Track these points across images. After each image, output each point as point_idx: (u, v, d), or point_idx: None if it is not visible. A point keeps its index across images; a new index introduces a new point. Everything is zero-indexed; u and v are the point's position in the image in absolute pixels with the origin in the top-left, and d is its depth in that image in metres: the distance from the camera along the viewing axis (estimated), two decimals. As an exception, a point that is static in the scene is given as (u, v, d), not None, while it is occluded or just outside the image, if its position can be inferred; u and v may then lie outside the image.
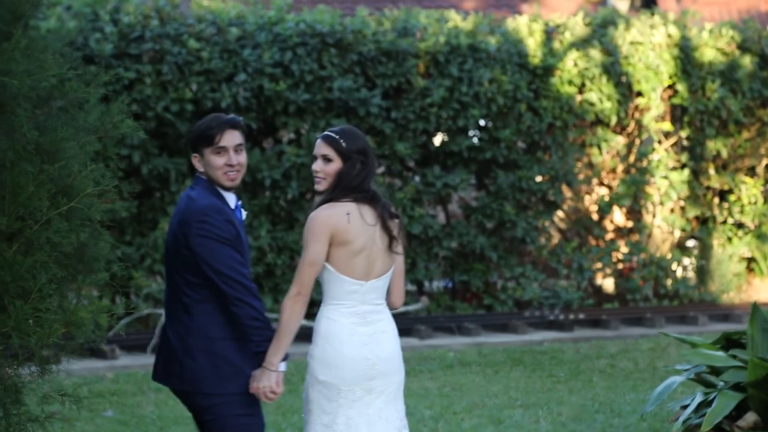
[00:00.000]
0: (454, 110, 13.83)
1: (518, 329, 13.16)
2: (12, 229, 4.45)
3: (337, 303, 4.88)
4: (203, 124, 5.11)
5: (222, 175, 5.03)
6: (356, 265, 4.85)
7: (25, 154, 4.58)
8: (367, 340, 4.89)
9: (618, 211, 15.29)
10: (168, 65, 12.50)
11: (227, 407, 4.93)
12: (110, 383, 9.99)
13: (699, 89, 15.35)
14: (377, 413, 4.91)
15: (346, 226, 4.83)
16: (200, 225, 4.91)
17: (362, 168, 4.91)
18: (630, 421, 8.50)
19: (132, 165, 12.16)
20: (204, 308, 4.96)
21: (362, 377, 4.86)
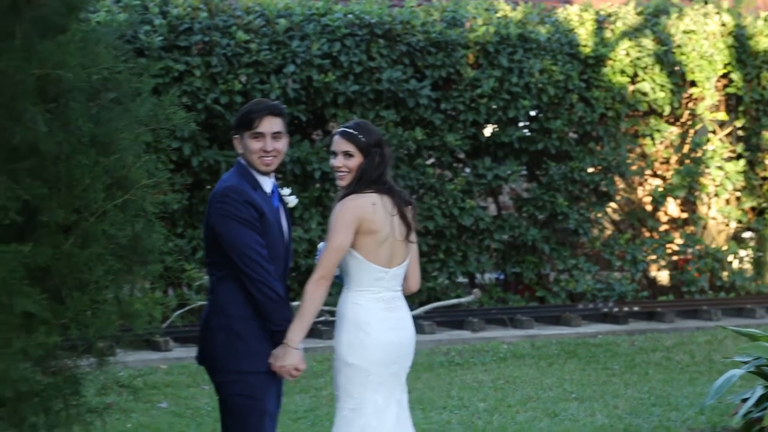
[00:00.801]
0: (504, 101, 13.72)
1: (571, 322, 13.04)
2: (68, 221, 4.45)
3: (363, 289, 5.04)
4: (246, 107, 5.20)
5: (257, 159, 5.09)
6: (381, 253, 5.03)
7: (80, 146, 4.57)
8: (393, 324, 5.07)
9: (672, 202, 15.11)
10: (217, 57, 12.49)
11: (233, 386, 4.98)
12: (164, 375, 10.00)
13: (754, 78, 15.14)
14: (398, 398, 5.11)
15: (372, 216, 5.01)
16: (219, 205, 4.99)
17: (380, 161, 5.10)
18: (687, 415, 8.38)
19: (182, 157, 12.17)
20: (224, 287, 5.02)
21: (389, 360, 5.04)
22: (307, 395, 9.17)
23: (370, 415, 5.04)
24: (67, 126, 4.54)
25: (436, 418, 8.35)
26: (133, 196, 4.66)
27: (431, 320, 12.62)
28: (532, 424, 8.12)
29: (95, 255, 4.45)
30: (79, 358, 4.75)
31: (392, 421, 5.10)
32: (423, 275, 13.32)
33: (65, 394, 4.58)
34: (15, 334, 4.20)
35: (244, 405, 4.98)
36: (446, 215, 13.49)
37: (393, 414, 5.10)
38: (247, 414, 4.99)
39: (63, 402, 4.59)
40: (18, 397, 4.45)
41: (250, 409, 4.99)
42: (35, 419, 4.64)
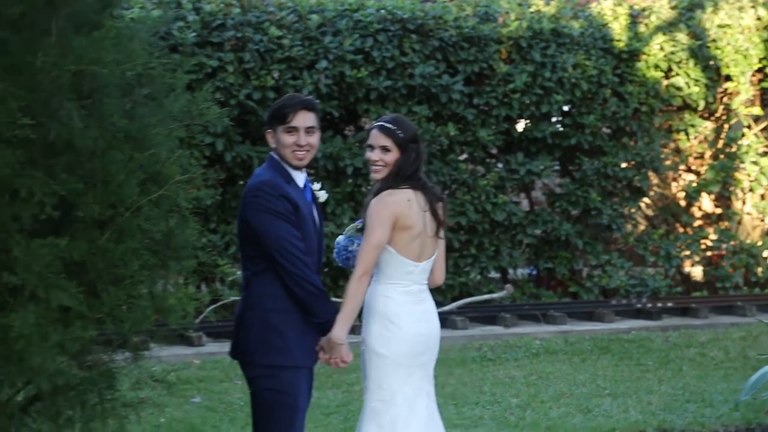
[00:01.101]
0: (537, 96, 13.68)
1: (605, 317, 12.99)
2: (104, 216, 4.47)
3: (393, 282, 5.14)
4: (280, 102, 5.23)
5: (290, 153, 5.12)
6: (413, 248, 5.12)
7: (115, 142, 4.59)
8: (421, 317, 5.18)
9: (706, 197, 15.01)
10: (250, 53, 12.52)
11: (265, 381, 5.00)
12: (197, 370, 10.05)
13: (790, 72, 15.01)
14: (427, 390, 5.19)
15: (408, 211, 5.09)
16: (254, 199, 5.02)
17: (416, 157, 5.18)
18: (722, 411, 8.33)
19: (216, 152, 12.21)
20: (260, 280, 5.04)
21: (417, 352, 5.14)
22: (339, 390, 9.19)
23: (401, 406, 5.12)
24: (102, 122, 4.56)
25: (468, 413, 8.35)
26: (168, 191, 4.68)
27: (463, 316, 12.62)
28: (565, 420, 8.10)
29: (130, 250, 4.48)
30: (114, 353, 4.78)
31: (423, 411, 5.18)
32: (455, 270, 13.33)
33: (100, 388, 4.61)
34: (52, 327, 4.23)
35: (275, 400, 5.00)
36: (479, 210, 13.48)
37: (423, 405, 5.18)
38: (279, 409, 5.01)
39: (98, 396, 4.62)
40: (54, 390, 4.49)
41: (281, 404, 5.01)
42: (71, 413, 4.68)
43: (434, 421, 5.26)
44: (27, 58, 4.35)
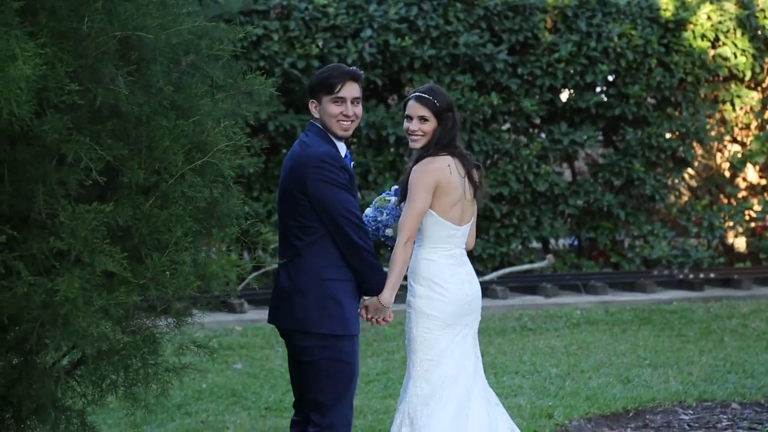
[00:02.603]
0: (581, 66, 13.61)
1: (646, 288, 12.96)
2: (148, 182, 4.52)
3: (436, 246, 5.28)
4: (325, 72, 5.23)
5: (336, 123, 5.15)
6: (455, 212, 5.27)
7: (161, 109, 4.63)
8: (465, 278, 5.34)
9: (751, 168, 14.89)
10: (295, 21, 12.55)
11: (325, 350, 5.06)
12: (239, 336, 10.15)
13: (838, 42, 14.81)
14: (471, 346, 5.37)
15: (448, 177, 5.22)
16: (317, 170, 5.03)
17: (452, 125, 5.30)
18: (764, 382, 8.30)
19: (259, 121, 12.27)
20: (315, 250, 5.08)
21: (463, 312, 5.31)
22: (380, 358, 9.26)
23: (449, 364, 5.29)
24: (148, 88, 4.60)
25: (508, 382, 8.38)
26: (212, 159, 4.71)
27: (504, 285, 12.63)
28: (605, 390, 8.10)
29: (174, 216, 4.52)
30: (157, 318, 4.84)
31: (471, 369, 5.35)
32: (497, 240, 13.35)
33: (143, 353, 4.67)
34: (96, 292, 4.28)
35: (334, 368, 5.08)
36: (521, 180, 13.46)
37: (471, 364, 5.35)
38: (338, 377, 5.09)
39: (141, 361, 4.68)
40: (98, 354, 4.56)
41: (340, 372, 5.10)
42: (114, 377, 4.75)
43: (481, 379, 5.43)
44: (74, 23, 4.39)
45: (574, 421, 7.31)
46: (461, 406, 5.26)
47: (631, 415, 7.54)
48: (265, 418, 7.38)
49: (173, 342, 4.99)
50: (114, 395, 4.86)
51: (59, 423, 4.77)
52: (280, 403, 7.76)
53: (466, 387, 5.29)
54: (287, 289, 5.13)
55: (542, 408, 7.54)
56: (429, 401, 5.24)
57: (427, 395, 5.25)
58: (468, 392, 5.29)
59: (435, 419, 5.21)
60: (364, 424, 7.13)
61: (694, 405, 7.76)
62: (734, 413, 7.54)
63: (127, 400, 4.86)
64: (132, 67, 4.55)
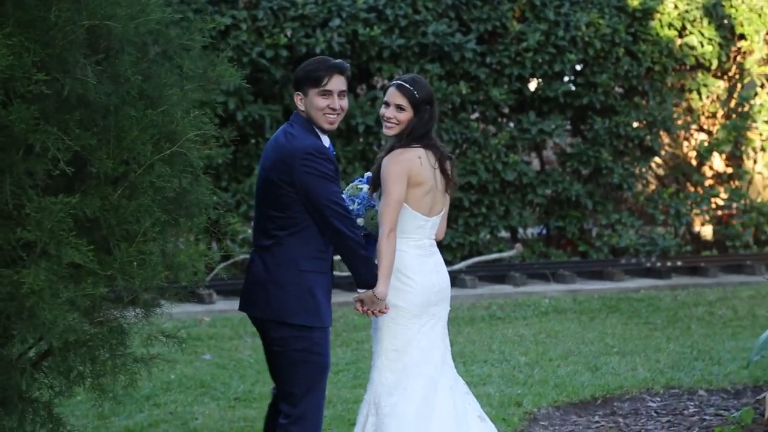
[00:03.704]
0: (549, 55, 13.65)
1: (614, 276, 13.03)
2: (117, 172, 4.50)
3: (404, 237, 5.28)
4: (312, 64, 5.19)
5: (322, 116, 5.13)
6: (425, 202, 5.29)
7: (129, 98, 4.62)
8: (433, 268, 5.35)
9: (718, 157, 15.00)
10: (263, 11, 12.51)
11: (298, 341, 5.07)
12: (207, 327, 10.13)
13: (804, 31, 14.93)
14: (439, 336, 5.38)
15: (419, 168, 5.23)
16: (305, 162, 5.02)
17: (429, 118, 5.29)
18: (730, 369, 8.36)
19: (228, 111, 12.22)
20: (296, 240, 5.08)
21: (430, 302, 5.32)
22: (349, 348, 9.27)
23: (414, 354, 5.29)
24: (116, 78, 4.58)
25: (477, 371, 8.41)
26: (181, 149, 4.69)
27: (473, 275, 12.67)
28: (573, 378, 8.15)
29: (142, 206, 4.50)
30: (125, 309, 4.82)
31: (437, 360, 5.34)
32: (466, 230, 13.38)
33: (111, 344, 4.66)
34: (63, 284, 4.26)
35: (308, 359, 5.09)
36: (489, 170, 13.49)
37: (438, 354, 5.35)
38: (311, 367, 5.11)
39: (109, 352, 4.67)
40: (65, 346, 4.53)
41: (314, 363, 5.11)
42: (82, 368, 4.73)
43: (450, 369, 5.42)
44: (41, 12, 4.36)
45: (543, 409, 7.34)
46: (426, 395, 5.26)
47: (599, 402, 7.58)
48: (234, 408, 7.38)
49: (141, 333, 4.97)
50: (81, 387, 4.83)
51: (26, 415, 4.75)
52: (249, 393, 7.75)
53: (431, 376, 5.29)
54: (264, 279, 5.11)
55: (511, 396, 7.57)
56: (393, 391, 5.25)
57: (391, 385, 5.26)
58: (434, 382, 5.30)
59: (400, 408, 5.22)
60: (333, 413, 7.14)
61: (661, 392, 7.81)
62: (701, 400, 7.60)
63: (94, 392, 4.84)
64: (100, 57, 4.53)
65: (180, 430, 6.87)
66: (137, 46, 4.69)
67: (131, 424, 6.90)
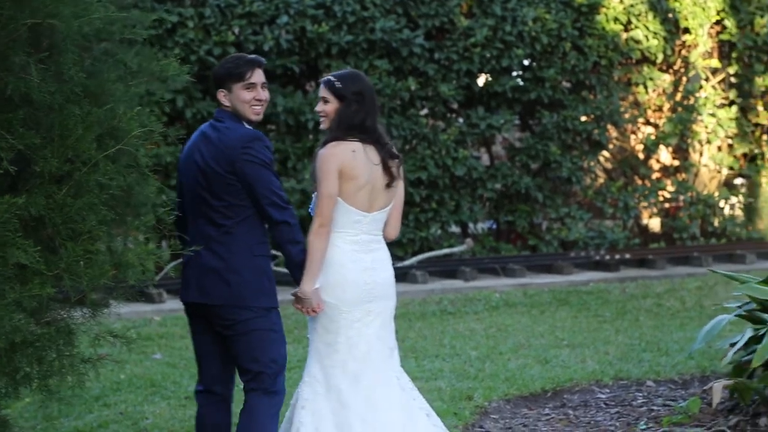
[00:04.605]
0: (497, 50, 13.71)
1: (563, 270, 13.12)
2: (61, 171, 4.47)
3: (341, 231, 5.25)
4: (232, 62, 5.36)
5: (249, 108, 5.29)
6: (361, 198, 5.23)
7: (73, 96, 4.58)
8: (367, 266, 5.28)
9: (664, 150, 15.15)
10: (210, 8, 12.45)
11: (260, 321, 5.20)
12: (158, 326, 10.08)
13: (747, 24, 15.12)
14: (375, 333, 5.32)
15: (352, 162, 5.19)
16: (246, 150, 5.16)
17: (358, 107, 5.25)
18: (677, 360, 8.46)
19: (176, 109, 12.17)
20: (246, 227, 5.19)
21: (361, 300, 5.26)
22: (300, 345, 9.24)
23: (342, 351, 5.27)
24: (60, 76, 4.55)
25: (428, 366, 8.43)
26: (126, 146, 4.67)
27: (424, 270, 12.70)
28: (524, 371, 8.20)
29: (88, 205, 4.48)
30: (72, 309, 4.79)
31: (373, 357, 5.30)
32: (416, 225, 13.39)
33: (58, 345, 4.62)
34: (9, 285, 4.23)
35: (270, 338, 5.22)
36: (439, 165, 13.53)
37: (374, 351, 5.31)
38: (274, 344, 5.25)
39: (56, 352, 4.63)
40: (12, 347, 4.49)
41: (274, 340, 5.25)
42: (29, 369, 4.69)
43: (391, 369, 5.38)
44: (-18, 11, 4.33)
45: (494, 403, 7.37)
46: (347, 392, 5.24)
47: (549, 395, 7.63)
48: (185, 407, 7.34)
49: (89, 333, 4.94)
50: (28, 388, 4.80)
51: (-29, 417, 4.71)
52: (200, 391, 7.72)
53: (355, 373, 5.25)
54: (218, 267, 5.20)
55: (462, 390, 7.60)
56: (316, 385, 5.28)
57: (316, 378, 5.29)
58: (357, 379, 5.25)
59: (318, 405, 5.26)
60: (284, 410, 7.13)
61: (610, 383, 7.87)
62: (649, 391, 7.67)
63: (41, 393, 4.80)
64: (44, 55, 4.49)
65: (130, 430, 6.83)
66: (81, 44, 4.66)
67: (80, 425, 6.85)
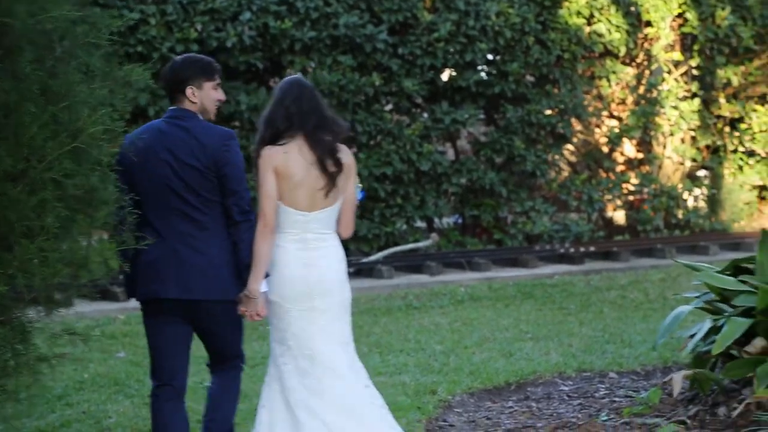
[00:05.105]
0: (461, 45, 13.74)
1: (528, 263, 13.18)
2: (16, 169, 4.45)
3: (285, 231, 5.27)
4: (201, 61, 5.36)
5: (213, 107, 5.34)
6: (298, 198, 5.22)
7: (29, 94, 4.56)
8: (306, 262, 5.28)
9: (628, 142, 15.23)
10: (172, 5, 12.41)
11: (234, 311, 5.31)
12: (122, 325, 10.03)
13: (709, 17, 15.22)
14: (320, 329, 5.32)
15: (285, 162, 5.18)
16: (226, 147, 5.22)
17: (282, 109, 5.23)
18: (640, 351, 8.51)
19: (139, 107, 12.12)
20: (220, 224, 5.24)
21: (301, 296, 5.28)
22: (265, 342, 9.23)
23: (293, 348, 5.30)
24: (16, 75, 4.52)
25: (393, 360, 8.45)
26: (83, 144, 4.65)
27: (389, 265, 12.72)
28: (488, 365, 8.22)
29: (43, 202, 4.46)
30: (27, 308, 4.77)
31: (317, 351, 5.31)
32: (381, 221, 13.41)
33: (13, 344, 4.60)
34: (-38, 285, 4.21)
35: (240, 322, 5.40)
36: (404, 160, 13.55)
37: (319, 345, 5.32)
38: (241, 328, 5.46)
39: (11, 351, 4.61)
40: (-35, 347, 4.48)
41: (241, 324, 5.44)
42: (-18, 369, 4.67)
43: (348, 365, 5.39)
44: (-65, 8, 4.30)
45: (457, 396, 7.39)
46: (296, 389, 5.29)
47: (512, 388, 7.66)
48: (149, 405, 7.31)
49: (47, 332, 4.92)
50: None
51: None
52: (164, 389, 7.70)
53: (304, 368, 5.28)
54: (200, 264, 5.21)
55: (426, 384, 7.61)
56: (271, 382, 5.37)
57: (275, 377, 5.36)
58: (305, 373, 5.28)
59: (269, 402, 5.36)
60: (249, 407, 7.11)
61: (573, 376, 7.91)
62: (612, 382, 7.71)
63: (-2, 393, 4.78)
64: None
65: (93, 430, 6.81)
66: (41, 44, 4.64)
67: (42, 424, 6.82)
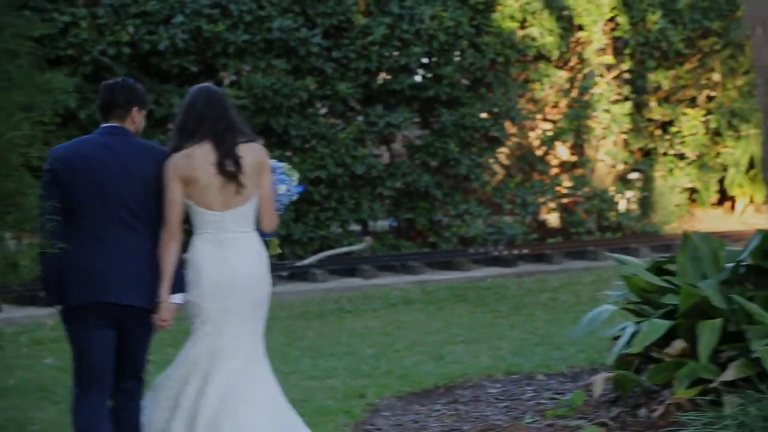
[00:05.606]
0: (395, 48, 13.77)
1: (462, 266, 13.24)
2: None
3: (199, 232, 5.35)
4: (140, 87, 5.42)
5: (138, 132, 5.40)
6: (210, 198, 5.28)
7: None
8: (222, 262, 5.32)
9: (561, 145, 15.37)
10: (104, 8, 12.31)
11: None
12: (50, 330, 9.93)
13: (640, 21, 15.40)
14: (233, 329, 5.35)
15: (190, 165, 5.24)
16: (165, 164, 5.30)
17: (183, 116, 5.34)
18: (569, 353, 8.58)
19: (69, 110, 12.01)
20: (152, 230, 5.27)
21: (215, 295, 5.30)
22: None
23: (205, 344, 5.32)
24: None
25: (323, 364, 8.46)
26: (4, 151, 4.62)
27: (323, 269, 12.71)
28: (418, 368, 8.25)
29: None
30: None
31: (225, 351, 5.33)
32: (316, 224, 13.41)
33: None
34: None
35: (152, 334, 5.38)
36: (339, 164, 13.56)
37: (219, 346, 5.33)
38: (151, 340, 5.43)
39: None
40: None
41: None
42: None
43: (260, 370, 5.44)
44: None
45: (386, 400, 7.40)
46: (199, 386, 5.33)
47: (441, 391, 7.68)
48: (73, 412, 7.27)
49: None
50: None
51: None
52: (91, 396, 7.65)
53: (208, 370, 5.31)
54: (139, 268, 5.23)
55: (355, 388, 7.62)
56: (173, 371, 5.39)
57: (180, 364, 5.38)
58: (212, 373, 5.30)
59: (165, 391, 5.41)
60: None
61: (502, 378, 7.94)
62: (539, 384, 7.76)
63: None
64: None
65: (17, 437, 6.76)
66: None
67: (-35, 433, 6.77)
